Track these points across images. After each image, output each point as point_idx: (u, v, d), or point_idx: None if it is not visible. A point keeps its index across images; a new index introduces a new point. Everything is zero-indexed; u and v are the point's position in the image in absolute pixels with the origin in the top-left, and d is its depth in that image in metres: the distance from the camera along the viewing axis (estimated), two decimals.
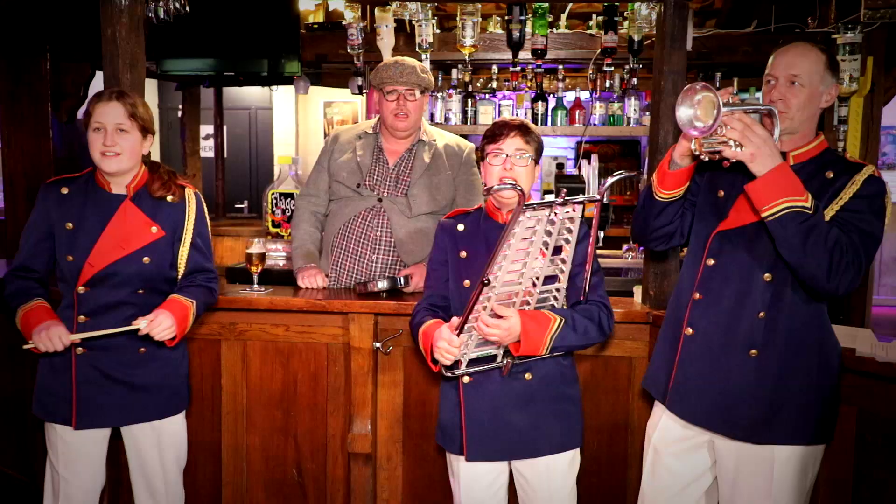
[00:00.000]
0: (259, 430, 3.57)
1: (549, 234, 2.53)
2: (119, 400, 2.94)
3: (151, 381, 2.99)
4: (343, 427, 3.50)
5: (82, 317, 2.89)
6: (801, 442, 2.56)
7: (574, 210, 2.53)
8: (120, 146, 2.86)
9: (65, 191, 2.95)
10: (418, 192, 3.65)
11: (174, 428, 3.11)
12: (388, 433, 3.49)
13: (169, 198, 3.00)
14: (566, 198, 2.50)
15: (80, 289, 2.87)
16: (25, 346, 2.79)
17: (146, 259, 2.93)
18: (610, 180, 2.68)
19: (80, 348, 2.89)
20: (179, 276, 3.05)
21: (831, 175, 2.52)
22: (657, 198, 2.73)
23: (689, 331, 2.67)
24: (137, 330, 2.84)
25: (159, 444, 3.06)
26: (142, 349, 2.95)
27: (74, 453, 2.97)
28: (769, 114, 2.48)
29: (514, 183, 2.63)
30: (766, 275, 2.54)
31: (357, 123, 4.07)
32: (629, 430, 3.39)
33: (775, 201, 2.37)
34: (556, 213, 2.50)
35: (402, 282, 3.45)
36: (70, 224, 2.90)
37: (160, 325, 2.85)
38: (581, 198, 2.56)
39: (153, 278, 2.97)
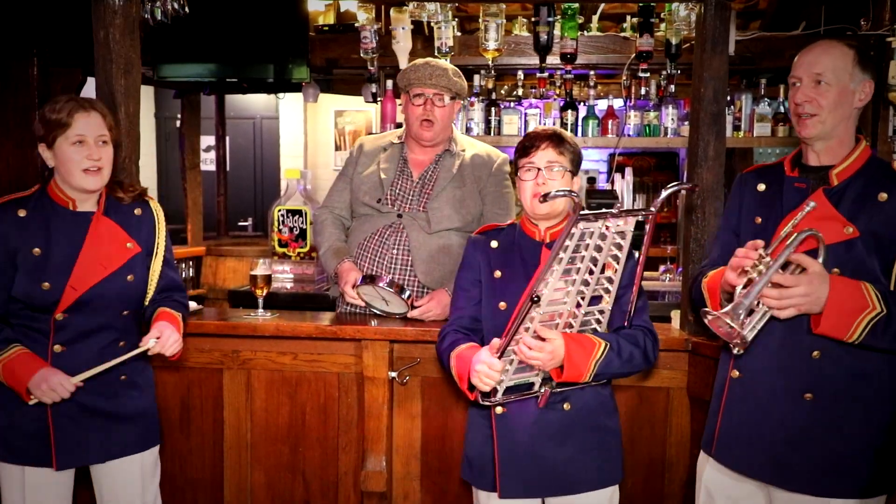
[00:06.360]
0: (264, 466, 3.58)
1: (598, 249, 2.52)
2: (99, 433, 2.92)
3: (132, 410, 2.99)
4: (356, 463, 3.50)
5: (58, 346, 2.84)
6: (866, 495, 2.52)
7: (626, 223, 2.53)
8: (103, 160, 2.85)
9: (22, 213, 2.87)
10: (440, 205, 3.63)
11: (153, 460, 3.09)
12: (405, 470, 3.49)
13: (136, 211, 3.01)
14: (622, 209, 2.50)
15: (59, 316, 2.83)
16: (32, 403, 2.76)
17: (130, 277, 2.93)
18: (664, 193, 2.65)
19: None
20: (150, 295, 3.05)
21: (885, 197, 2.49)
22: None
23: (736, 373, 2.63)
24: (145, 352, 2.88)
25: (141, 480, 3.02)
26: (123, 376, 2.94)
27: (42, 496, 2.90)
28: (814, 238, 2.45)
29: (569, 189, 2.60)
30: None
31: (384, 133, 4.12)
32: (666, 465, 3.39)
33: (851, 329, 2.40)
34: (607, 227, 2.50)
35: (406, 297, 3.46)
36: (37, 249, 2.84)
37: (169, 339, 2.89)
38: (637, 210, 2.56)
39: (136, 297, 2.99)
